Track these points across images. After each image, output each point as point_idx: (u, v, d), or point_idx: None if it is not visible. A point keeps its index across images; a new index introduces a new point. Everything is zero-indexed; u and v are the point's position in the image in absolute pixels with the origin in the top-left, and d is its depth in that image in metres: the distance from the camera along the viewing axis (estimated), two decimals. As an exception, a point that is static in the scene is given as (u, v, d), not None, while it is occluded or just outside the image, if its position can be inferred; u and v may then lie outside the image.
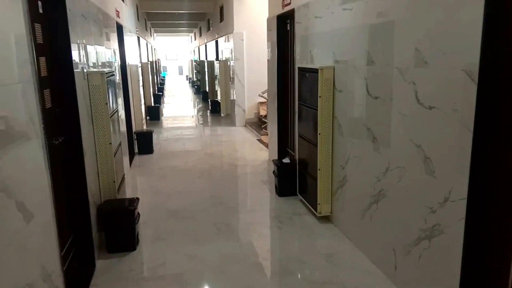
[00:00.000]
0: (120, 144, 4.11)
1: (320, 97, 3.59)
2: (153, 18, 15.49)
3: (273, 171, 4.71)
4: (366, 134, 3.04)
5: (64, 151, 2.87)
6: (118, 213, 3.27)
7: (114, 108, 3.85)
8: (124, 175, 4.30)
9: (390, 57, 2.65)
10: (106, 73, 3.47)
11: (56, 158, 2.70)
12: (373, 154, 2.95)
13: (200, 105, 14.40)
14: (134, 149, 6.76)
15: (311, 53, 4.11)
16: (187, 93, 20.02)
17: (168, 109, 13.29)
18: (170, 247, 3.38)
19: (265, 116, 8.36)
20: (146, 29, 14.47)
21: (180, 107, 14.00)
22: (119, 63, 5.70)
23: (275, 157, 5.77)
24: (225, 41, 10.43)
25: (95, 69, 3.58)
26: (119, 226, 3.27)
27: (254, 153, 6.78)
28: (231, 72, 9.78)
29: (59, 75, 2.79)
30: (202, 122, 10.73)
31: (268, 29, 5.84)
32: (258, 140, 7.83)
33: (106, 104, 3.36)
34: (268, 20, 5.82)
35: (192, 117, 11.65)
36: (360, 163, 3.17)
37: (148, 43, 13.73)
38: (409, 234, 2.54)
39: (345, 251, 3.24)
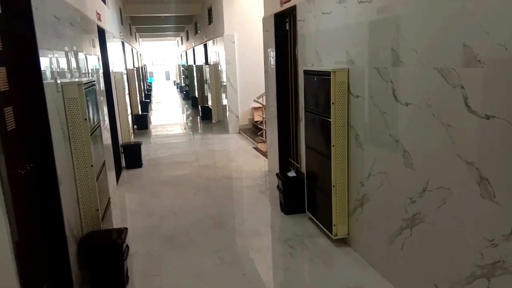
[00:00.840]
0: (104, 164, 3.59)
1: (332, 103, 3.14)
2: (138, 23, 14.93)
3: (277, 186, 4.24)
4: (393, 147, 2.59)
5: (34, 181, 2.36)
6: (103, 248, 2.76)
7: (96, 123, 3.34)
8: (109, 198, 3.78)
9: (427, 56, 2.21)
10: (85, 83, 2.97)
11: (24, 189, 2.19)
12: (404, 170, 2.51)
13: (190, 111, 13.87)
14: (122, 163, 6.23)
15: (318, 54, 3.67)
16: (176, 99, 19.46)
17: (156, 117, 12.74)
18: (165, 285, 2.89)
19: (261, 122, 7.91)
20: (131, 34, 13.92)
21: (169, 114, 13.46)
22: (102, 71, 5.18)
23: (276, 167, 5.30)
24: (214, 44, 9.95)
25: (72, 79, 3.07)
26: (104, 263, 2.76)
27: (252, 163, 6.31)
28: (222, 76, 9.31)
29: (24, 89, 2.28)
30: (193, 130, 10.21)
31: (264, 29, 5.39)
32: (254, 148, 7.36)
33: (86, 119, 2.86)
34: (264, 20, 5.37)
35: (182, 124, 11.13)
36: (386, 180, 2.73)
37: (133, 49, 13.18)
38: (458, 270, 2.09)
39: (371, 283, 2.78)
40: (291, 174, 4.14)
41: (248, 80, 8.72)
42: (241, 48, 8.60)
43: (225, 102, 9.39)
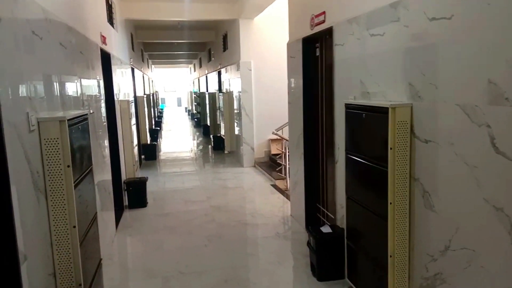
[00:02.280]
0: (95, 217, 2.87)
1: (390, 149, 2.41)
2: (150, 49, 14.60)
3: (308, 243, 3.46)
4: (491, 217, 1.83)
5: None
6: None
7: (85, 168, 2.64)
8: (100, 260, 3.03)
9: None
10: (71, 118, 2.29)
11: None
12: (510, 250, 1.74)
13: (201, 140, 13.25)
14: (124, 202, 5.51)
15: (364, 84, 2.97)
16: (187, 126, 18.94)
17: (166, 146, 12.12)
18: None
19: (279, 156, 7.18)
20: (143, 61, 13.55)
21: (179, 143, 12.83)
22: (105, 99, 4.56)
23: (301, 213, 4.54)
24: (229, 71, 9.41)
25: (55, 113, 2.41)
26: None
27: (271, 204, 5.54)
28: (236, 105, 8.69)
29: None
30: (204, 161, 9.52)
31: (289, 56, 4.75)
32: (272, 185, 6.61)
33: (69, 166, 2.16)
34: (289, 45, 4.75)
35: (193, 155, 10.46)
36: (476, 261, 1.95)
37: (144, 75, 12.75)
38: None
39: None
40: (326, 229, 3.37)
41: (265, 110, 8.08)
42: (258, 75, 8.01)
43: (238, 132, 8.73)
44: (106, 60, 5.08)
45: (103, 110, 4.38)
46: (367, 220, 2.77)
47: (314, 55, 4.19)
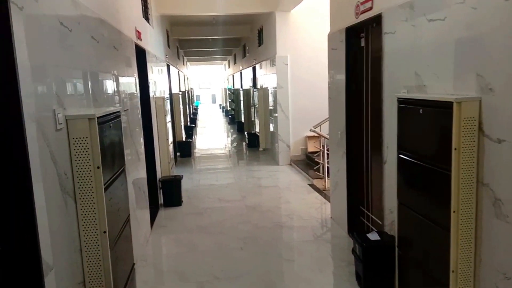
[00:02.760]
0: (127, 220, 2.73)
1: (455, 149, 2.09)
2: (185, 46, 14.64)
3: (353, 250, 3.18)
4: None
5: (6, 268, 1.52)
6: None
7: (117, 168, 2.50)
8: (133, 265, 2.90)
9: None
10: (102, 116, 2.15)
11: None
12: None
13: (235, 137, 13.13)
14: (159, 200, 5.44)
15: (420, 77, 2.65)
16: (221, 123, 18.94)
17: (200, 143, 12.09)
18: None
19: (317, 154, 6.89)
20: (179, 58, 13.60)
21: (213, 141, 12.77)
22: (140, 95, 4.47)
23: (342, 215, 4.25)
24: (264, 67, 9.18)
25: (87, 110, 2.28)
26: None
27: (309, 205, 5.27)
28: (272, 101, 8.45)
29: (-5, 127, 1.47)
30: (238, 158, 9.36)
31: (330, 48, 4.45)
32: (309, 185, 6.33)
33: (99, 167, 2.02)
34: (331, 36, 4.44)
35: (227, 152, 10.34)
36: None
37: (180, 72, 12.79)
38: None
39: None
40: (373, 236, 3.07)
41: (301, 106, 7.79)
42: (294, 70, 7.73)
43: (273, 129, 8.49)
44: (141, 56, 4.99)
45: (139, 107, 4.29)
46: (424, 229, 2.46)
47: (359, 46, 3.87)
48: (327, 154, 6.22)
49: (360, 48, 3.86)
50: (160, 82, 6.53)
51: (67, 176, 1.92)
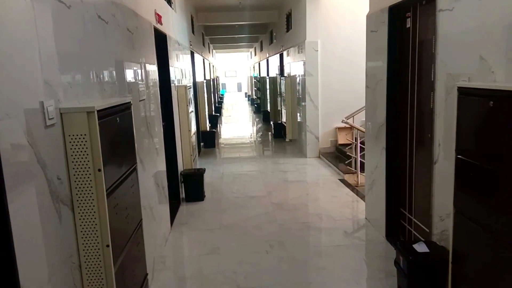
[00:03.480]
0: (138, 226, 2.42)
1: (542, 153, 1.64)
2: (211, 33, 14.29)
3: (396, 262, 2.77)
4: None
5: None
6: None
7: (126, 169, 2.18)
8: (146, 276, 2.60)
9: None
10: (105, 109, 1.82)
11: None
12: None
13: (261, 127, 12.76)
14: (180, 195, 5.17)
15: (487, 62, 2.17)
16: (246, 112, 18.60)
17: (225, 133, 11.80)
18: None
19: (348, 147, 6.43)
20: (204, 45, 13.28)
21: (238, 130, 12.44)
22: (159, 84, 4.16)
23: (379, 217, 3.83)
24: (292, 54, 8.71)
25: (87, 102, 1.96)
26: None
27: (340, 203, 4.86)
28: (300, 90, 7.99)
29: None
30: (264, 150, 8.99)
31: (369, 30, 3.97)
32: (340, 180, 5.89)
33: (100, 170, 1.70)
34: (370, 17, 3.95)
35: (252, 143, 9.99)
36: None
37: (205, 60, 12.47)
38: None
39: None
40: (421, 247, 2.65)
41: (331, 95, 7.31)
42: (324, 57, 7.23)
43: (301, 119, 8.06)
44: (161, 42, 4.67)
45: (158, 96, 3.98)
46: (491, 247, 2.02)
47: (404, 27, 3.39)
48: (361, 147, 5.76)
49: (405, 30, 3.37)
50: (183, 70, 6.21)
51: (62, 181, 1.61)
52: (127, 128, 2.23)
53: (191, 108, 6.24)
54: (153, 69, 3.82)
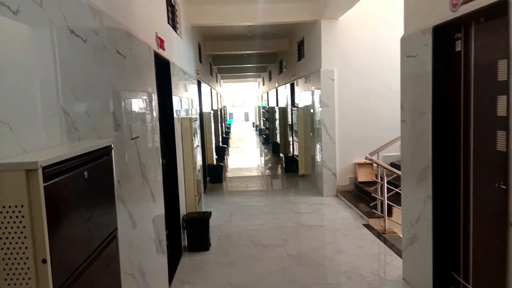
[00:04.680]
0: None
1: None
2: (219, 63, 13.97)
3: None
4: None
5: None
6: None
7: (97, 244, 1.52)
8: None
9: None
10: (59, 163, 1.20)
11: None
12: None
13: (270, 160, 12.11)
14: (182, 242, 4.48)
15: None
16: (254, 143, 18.03)
17: (233, 166, 11.14)
18: None
19: (373, 187, 5.76)
20: (212, 74, 12.91)
21: (247, 163, 11.79)
22: (158, 117, 3.58)
23: (421, 279, 3.11)
24: (304, 83, 8.19)
25: (29, 156, 1.35)
26: None
27: (369, 257, 4.14)
28: (315, 121, 7.40)
29: None
30: (275, 186, 8.30)
31: (405, 55, 3.39)
32: (365, 225, 5.17)
33: (45, 261, 1.06)
34: (406, 40, 3.38)
35: (262, 177, 9.32)
36: None
37: (212, 89, 12.03)
38: None
39: None
40: None
41: (350, 128, 6.71)
42: (341, 87, 6.68)
43: (315, 152, 7.42)
44: (163, 69, 4.15)
45: (157, 131, 3.39)
46: None
47: (452, 50, 2.80)
48: (388, 188, 5.08)
49: (454, 54, 2.78)
50: (189, 100, 5.67)
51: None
52: (103, 182, 1.60)
53: (197, 141, 5.65)
54: (152, 99, 3.25)
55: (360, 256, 4.12)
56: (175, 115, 4.36)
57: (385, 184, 5.03)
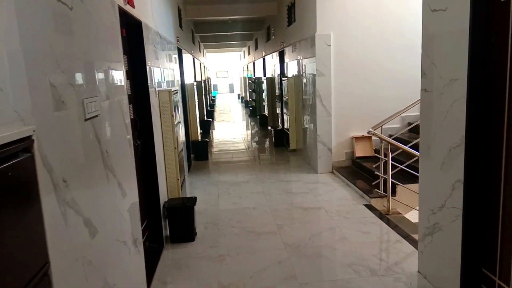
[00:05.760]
0: None
1: None
2: (202, 30, 13.04)
3: None
4: None
5: None
6: None
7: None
8: None
9: None
10: None
11: None
12: None
13: (258, 134, 11.54)
14: (164, 232, 3.93)
15: None
16: (240, 115, 17.37)
17: (219, 141, 10.52)
18: None
19: (375, 165, 5.28)
20: (194, 43, 12.01)
21: (234, 137, 11.18)
22: (126, 89, 2.93)
23: (444, 275, 2.65)
24: (296, 50, 7.51)
25: None
26: None
27: (377, 245, 3.69)
28: (308, 92, 6.80)
29: None
30: (265, 163, 7.76)
31: (429, 8, 2.76)
32: (366, 206, 4.71)
33: None
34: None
35: (251, 153, 8.76)
36: None
37: (196, 59, 11.20)
38: None
39: None
40: None
41: (348, 99, 6.15)
42: (338, 54, 6.05)
43: (307, 125, 6.88)
44: (134, 32, 3.45)
45: (125, 108, 2.75)
46: None
47: (497, 1, 2.20)
48: (392, 165, 4.59)
49: (498, 5, 2.18)
50: (167, 71, 4.98)
51: None
52: (17, 197, 0.99)
53: (178, 117, 5.01)
54: (117, 67, 2.59)
55: (367, 245, 3.65)
56: (150, 88, 3.69)
57: (390, 161, 4.54)
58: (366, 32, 5.99)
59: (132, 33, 3.44)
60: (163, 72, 4.55)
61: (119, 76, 2.61)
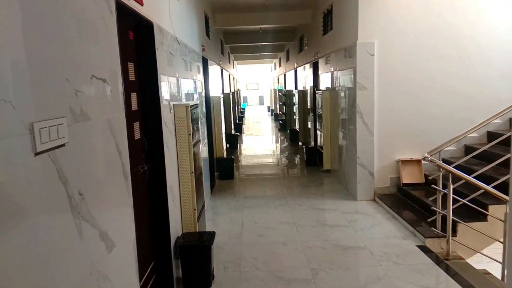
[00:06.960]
0: None
1: None
2: (231, 41, 12.56)
3: None
4: None
5: None
6: None
7: None
8: None
9: None
10: None
11: None
12: None
13: (288, 148, 10.79)
14: (174, 276, 3.26)
15: None
16: (270, 129, 16.69)
17: (246, 159, 9.82)
18: None
19: (432, 199, 4.43)
20: (223, 54, 11.52)
21: (262, 154, 10.44)
22: (120, 106, 2.31)
23: None
24: (332, 61, 6.78)
25: None
26: None
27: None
28: (346, 108, 6.03)
29: None
30: (295, 186, 6.96)
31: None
32: (420, 248, 3.87)
33: None
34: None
35: (281, 173, 8.02)
36: None
37: (223, 71, 10.67)
38: None
39: None
40: None
41: (392, 117, 5.35)
42: (383, 64, 5.28)
43: (343, 144, 6.10)
44: (143, 35, 2.86)
45: (119, 128, 2.12)
46: None
47: None
48: (454, 198, 3.75)
49: None
50: (187, 82, 4.39)
51: None
52: None
53: (198, 135, 4.38)
54: (104, 77, 1.97)
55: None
56: (163, 102, 3.08)
57: (451, 194, 3.70)
58: (414, 42, 5.20)
59: (141, 37, 2.85)
60: (181, 83, 3.96)
61: (111, 87, 2.00)
